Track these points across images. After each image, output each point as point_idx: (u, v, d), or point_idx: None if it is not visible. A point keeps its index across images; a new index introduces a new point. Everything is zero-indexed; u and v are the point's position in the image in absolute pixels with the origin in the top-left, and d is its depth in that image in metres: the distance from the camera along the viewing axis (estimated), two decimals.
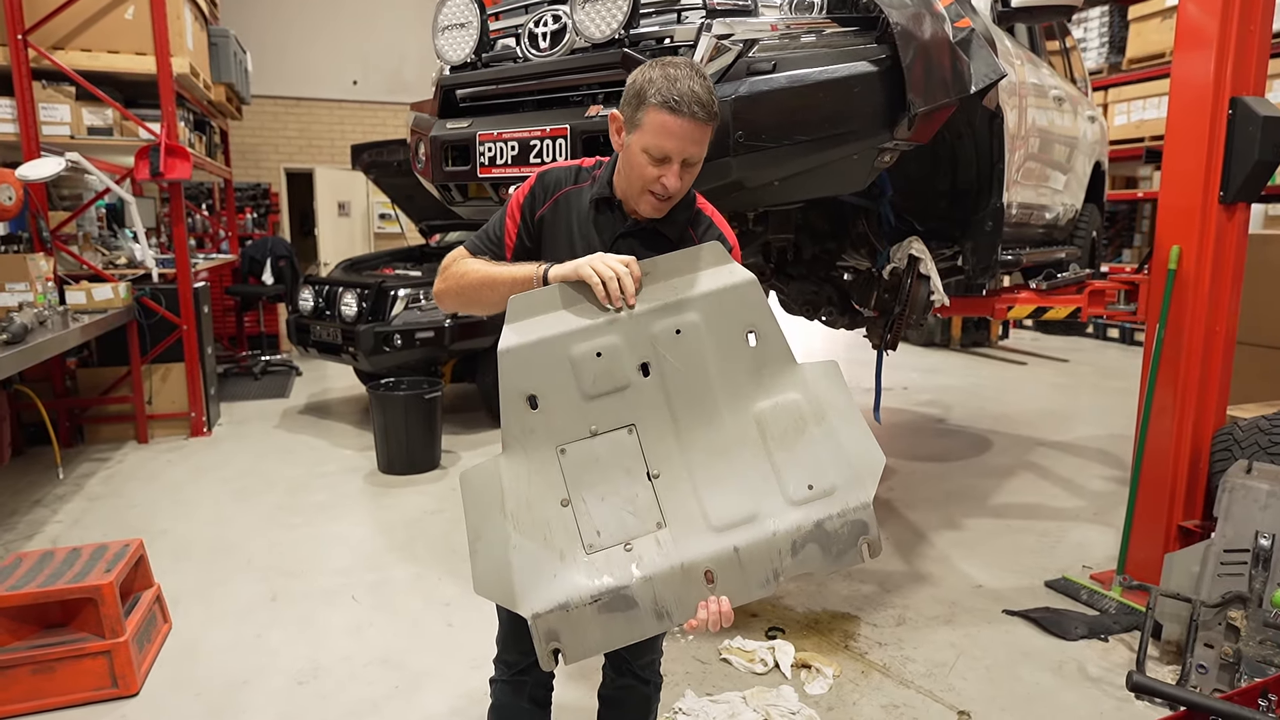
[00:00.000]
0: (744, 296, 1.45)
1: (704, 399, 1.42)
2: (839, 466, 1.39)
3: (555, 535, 1.36)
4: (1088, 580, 3.17)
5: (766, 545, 1.36)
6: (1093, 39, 8.28)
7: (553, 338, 1.40)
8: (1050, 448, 5.17)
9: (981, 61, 2.35)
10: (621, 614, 1.33)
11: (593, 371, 1.40)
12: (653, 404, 1.41)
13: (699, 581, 1.34)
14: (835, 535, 1.36)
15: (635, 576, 1.34)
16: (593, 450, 1.39)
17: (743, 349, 1.44)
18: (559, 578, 1.34)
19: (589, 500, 1.38)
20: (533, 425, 1.39)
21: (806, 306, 3.19)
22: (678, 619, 1.35)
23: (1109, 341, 9.20)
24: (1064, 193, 4.12)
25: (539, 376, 1.39)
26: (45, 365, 4.93)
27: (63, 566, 2.64)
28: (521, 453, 1.39)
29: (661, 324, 1.41)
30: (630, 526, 1.37)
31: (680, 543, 1.36)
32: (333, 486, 4.46)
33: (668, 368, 1.41)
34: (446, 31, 2.54)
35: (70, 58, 4.95)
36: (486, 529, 1.37)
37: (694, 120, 1.39)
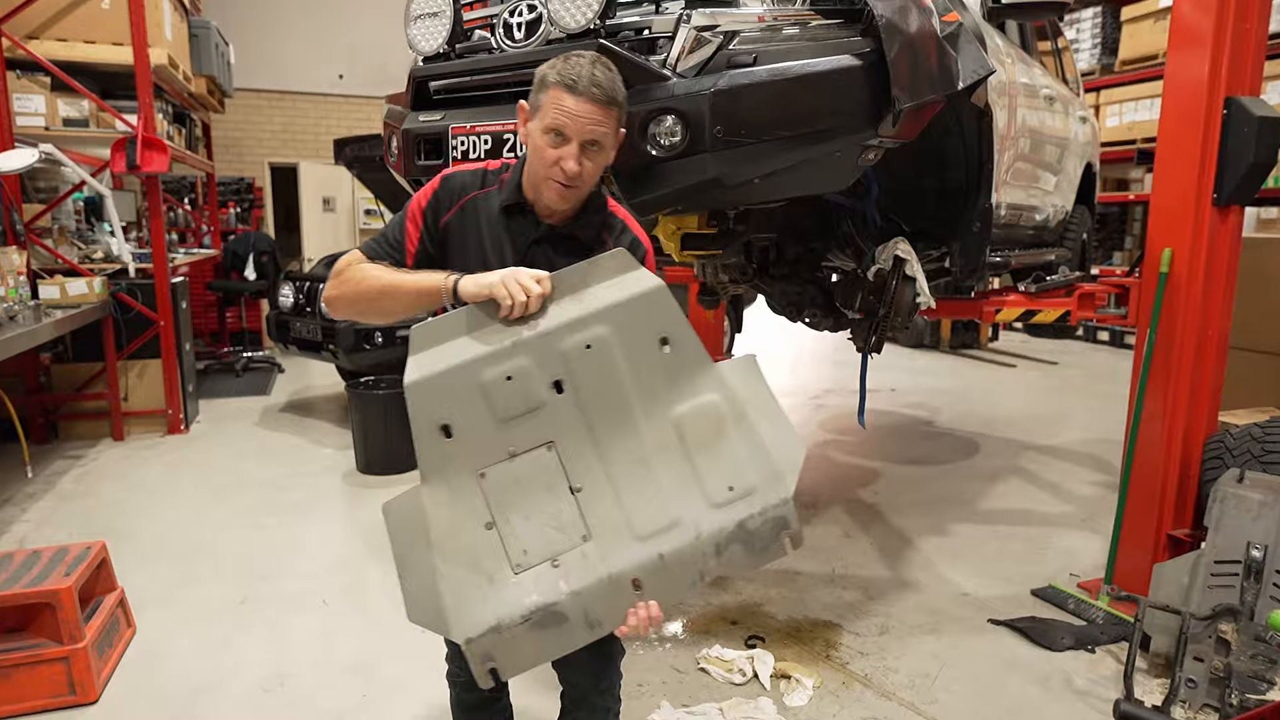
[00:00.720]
0: (653, 304, 1.43)
1: (620, 410, 1.41)
2: (758, 464, 1.40)
3: (482, 559, 1.37)
4: (1075, 589, 3.12)
5: (691, 549, 1.37)
6: (1085, 40, 8.26)
7: (460, 365, 1.38)
8: (1039, 452, 5.12)
9: (969, 57, 2.29)
10: (553, 629, 1.36)
11: (504, 395, 1.39)
12: (569, 420, 1.40)
13: (627, 590, 1.37)
14: (758, 533, 1.38)
15: (564, 592, 1.36)
16: (512, 471, 1.40)
17: (656, 356, 1.43)
18: (489, 601, 1.35)
19: (513, 520, 1.39)
20: (449, 453, 1.38)
21: (790, 308, 3.12)
22: (608, 627, 1.37)
23: (1099, 345, 9.18)
24: (1054, 194, 4.06)
25: (450, 405, 1.38)
26: (18, 361, 4.83)
27: (21, 570, 2.55)
28: (441, 481, 1.39)
29: (570, 340, 1.40)
30: (556, 543, 1.38)
31: (606, 554, 1.38)
32: (310, 486, 4.37)
33: (581, 383, 1.40)
34: (419, 21, 2.46)
35: (45, 47, 4.85)
36: (413, 559, 1.38)
37: (592, 100, 1.38)
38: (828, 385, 7.12)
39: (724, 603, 3.05)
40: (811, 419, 5.94)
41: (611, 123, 1.43)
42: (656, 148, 2.06)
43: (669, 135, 2.04)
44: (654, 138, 2.06)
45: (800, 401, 6.50)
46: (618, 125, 1.46)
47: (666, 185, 2.10)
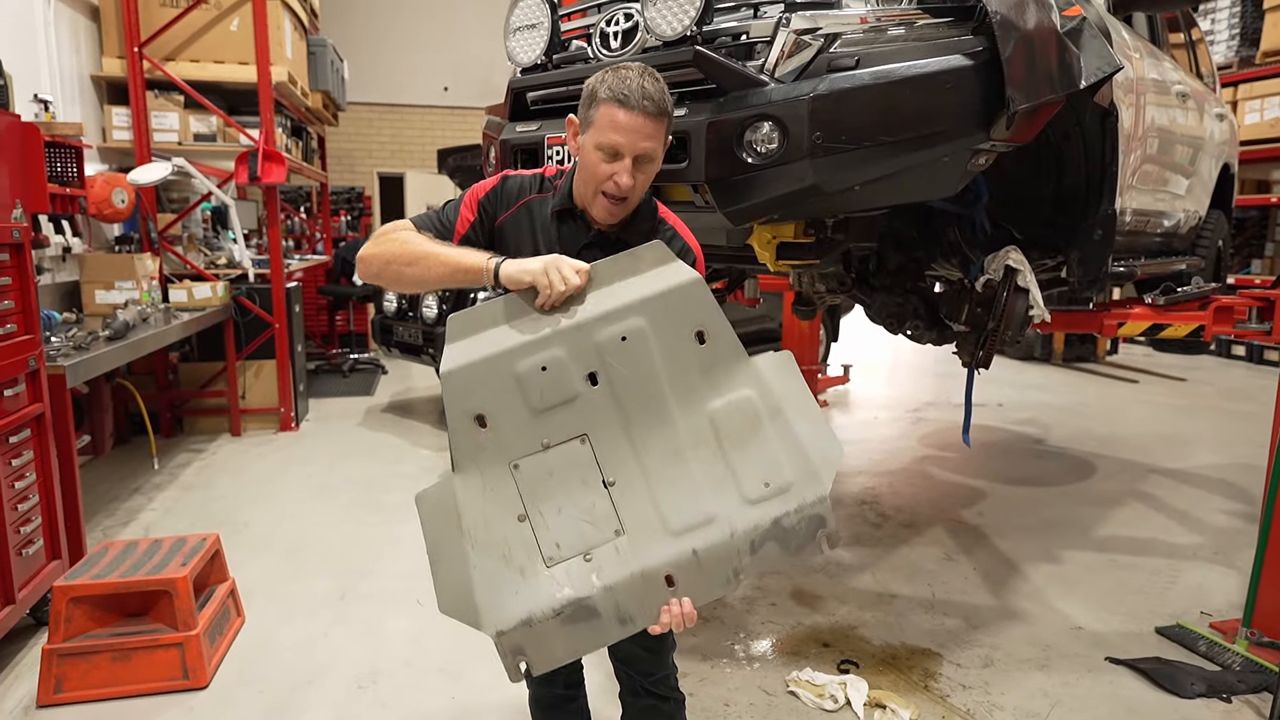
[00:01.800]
0: (690, 296, 1.41)
1: (655, 403, 1.40)
2: (794, 462, 1.38)
3: (514, 551, 1.36)
4: (1207, 630, 2.85)
5: (725, 546, 1.36)
6: (1222, 31, 7.64)
7: (495, 355, 1.38)
8: (1164, 476, 4.74)
9: (1093, 54, 2.13)
10: (585, 624, 1.35)
11: (539, 385, 1.38)
12: (604, 412, 1.39)
13: (660, 586, 1.35)
14: (793, 531, 1.36)
15: (596, 586, 1.34)
16: (546, 463, 1.38)
17: (692, 349, 1.41)
18: (520, 594, 1.35)
19: (546, 513, 1.38)
20: (483, 443, 1.38)
21: (891, 319, 2.99)
22: (640, 624, 1.36)
23: (1233, 360, 8.47)
24: (1186, 198, 3.76)
25: (485, 395, 1.37)
26: (150, 359, 5.20)
27: (144, 558, 2.72)
28: (475, 471, 1.38)
29: (606, 332, 1.38)
30: (589, 536, 1.37)
31: (639, 549, 1.36)
32: (409, 486, 4.51)
33: (615, 375, 1.39)
34: (517, 33, 2.49)
35: (180, 68, 5.21)
36: (445, 549, 1.38)
37: (644, 114, 1.39)
38: (928, 398, 6.84)
39: (815, 623, 2.95)
40: (910, 433, 5.70)
41: (662, 134, 1.45)
42: (753, 155, 2.01)
43: (766, 142, 1.99)
44: (750, 145, 2.01)
45: (898, 415, 6.26)
46: (667, 135, 1.48)
47: (762, 193, 2.05)
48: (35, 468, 2.81)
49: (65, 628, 2.50)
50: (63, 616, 2.50)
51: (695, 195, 2.19)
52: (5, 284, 2.69)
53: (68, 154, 4.32)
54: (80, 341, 3.44)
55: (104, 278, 4.57)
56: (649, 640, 1.64)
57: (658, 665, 1.75)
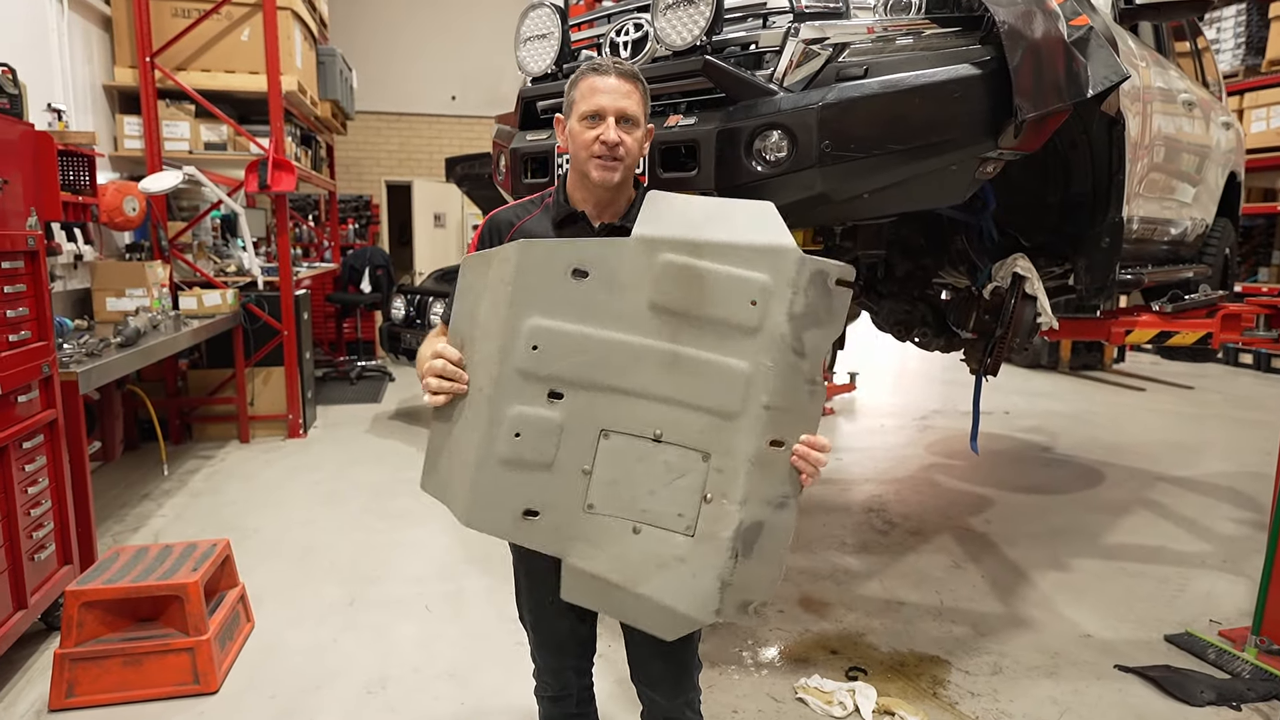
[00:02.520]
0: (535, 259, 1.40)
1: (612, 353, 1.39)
2: (749, 261, 1.35)
3: (661, 554, 1.37)
4: (1216, 638, 2.85)
5: (779, 376, 1.34)
6: (1227, 39, 7.66)
7: (476, 472, 1.38)
8: (1172, 484, 4.73)
9: (1100, 63, 2.14)
10: (759, 541, 1.36)
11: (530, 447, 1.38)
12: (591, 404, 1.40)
13: (774, 455, 1.35)
14: (810, 307, 1.34)
15: (735, 509, 1.35)
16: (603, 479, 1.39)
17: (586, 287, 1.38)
18: (697, 573, 1.36)
19: (647, 506, 1.38)
20: (552, 524, 1.39)
21: (898, 326, 3.00)
22: (794, 494, 1.37)
23: (1241, 368, 8.44)
24: (1193, 206, 3.77)
25: (508, 499, 1.39)
26: (159, 366, 5.24)
27: (155, 563, 2.74)
28: (571, 544, 1.40)
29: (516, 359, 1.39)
30: (693, 483, 1.37)
31: (732, 450, 1.35)
32: (416, 493, 4.48)
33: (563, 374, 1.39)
34: (528, 43, 2.51)
35: (191, 78, 5.26)
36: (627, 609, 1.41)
37: (619, 75, 1.48)
38: (935, 406, 6.83)
39: (823, 630, 2.95)
40: (917, 441, 5.70)
41: (638, 97, 1.50)
42: (762, 163, 2.03)
43: (775, 150, 2.01)
44: (759, 153, 2.03)
45: (905, 422, 6.26)
46: (644, 105, 1.52)
47: (772, 201, 2.06)
48: (48, 473, 2.83)
49: (77, 632, 2.52)
50: (75, 621, 2.51)
51: None
52: (20, 291, 2.71)
53: (80, 162, 4.37)
54: (92, 348, 3.46)
55: (115, 285, 4.61)
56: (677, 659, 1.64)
57: (684, 689, 1.69)
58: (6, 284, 2.63)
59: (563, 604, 1.66)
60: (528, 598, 1.71)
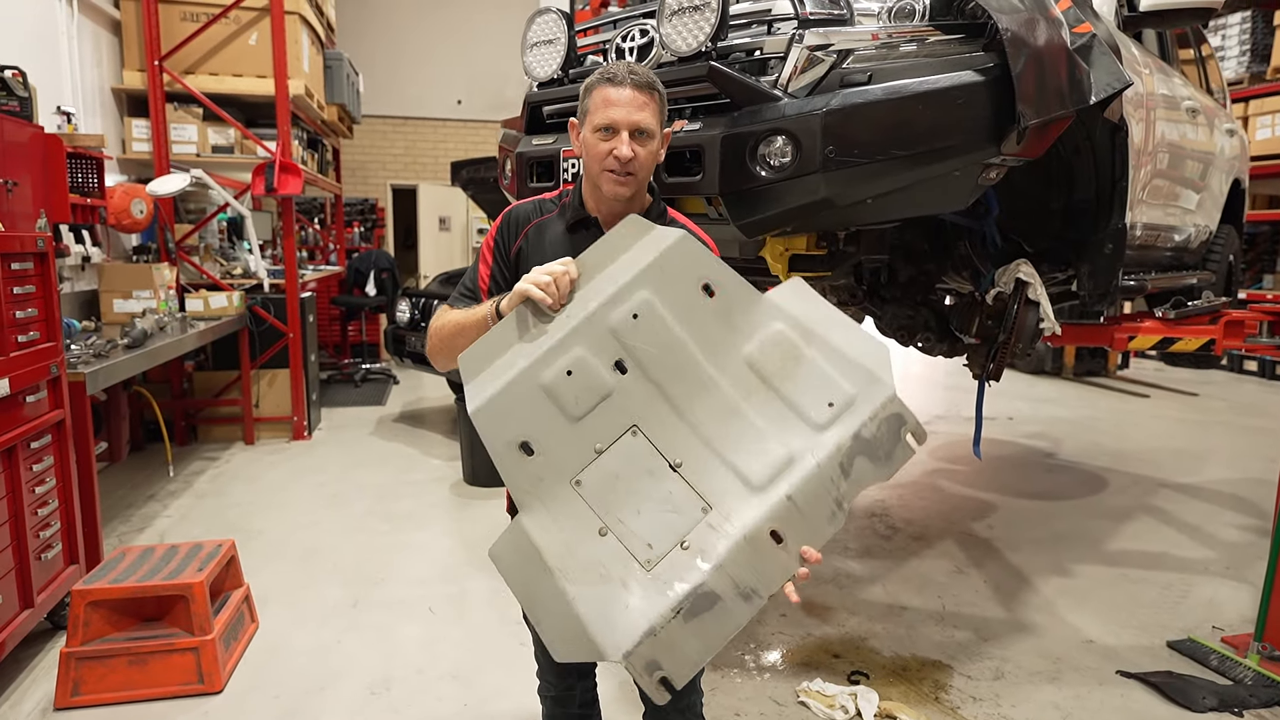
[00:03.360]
0: (683, 254, 1.40)
1: (689, 369, 1.36)
2: (848, 373, 1.34)
3: (610, 568, 1.28)
4: (1218, 644, 2.84)
5: (816, 480, 1.29)
6: (1232, 47, 7.66)
7: (517, 377, 1.33)
8: (1175, 490, 4.72)
9: (1103, 70, 2.16)
10: (709, 614, 1.25)
11: (571, 392, 1.33)
12: (644, 398, 1.35)
13: (768, 546, 1.27)
14: (877, 440, 1.31)
15: (705, 570, 1.26)
16: (607, 468, 1.32)
17: (704, 304, 1.38)
18: (631, 607, 1.25)
19: (626, 519, 1.30)
20: (537, 472, 1.32)
21: (901, 331, 3.01)
22: (765, 593, 1.27)
23: (1246, 375, 8.42)
24: (1196, 213, 3.77)
25: (521, 420, 1.32)
26: (165, 367, 5.26)
27: (160, 563, 2.76)
28: (539, 503, 1.32)
29: (615, 315, 1.35)
30: (678, 525, 1.30)
31: (733, 517, 1.29)
32: (419, 495, 4.54)
33: (641, 356, 1.35)
34: (534, 48, 2.54)
35: (199, 81, 5.30)
36: (539, 595, 1.29)
37: (633, 86, 1.46)
38: (938, 411, 6.83)
39: (825, 635, 2.96)
40: (921, 447, 5.69)
41: (654, 108, 1.49)
42: (766, 169, 2.04)
43: (779, 156, 2.02)
44: (764, 158, 2.04)
45: None
46: (660, 114, 1.51)
47: (775, 206, 2.08)
48: (55, 473, 2.85)
49: (83, 631, 2.53)
50: (81, 620, 2.53)
51: (709, 208, 2.22)
52: (29, 292, 2.74)
53: (88, 165, 4.40)
54: (99, 349, 3.49)
55: (122, 287, 4.64)
56: None
57: (685, 691, 1.68)
58: (16, 285, 2.65)
59: None
60: None
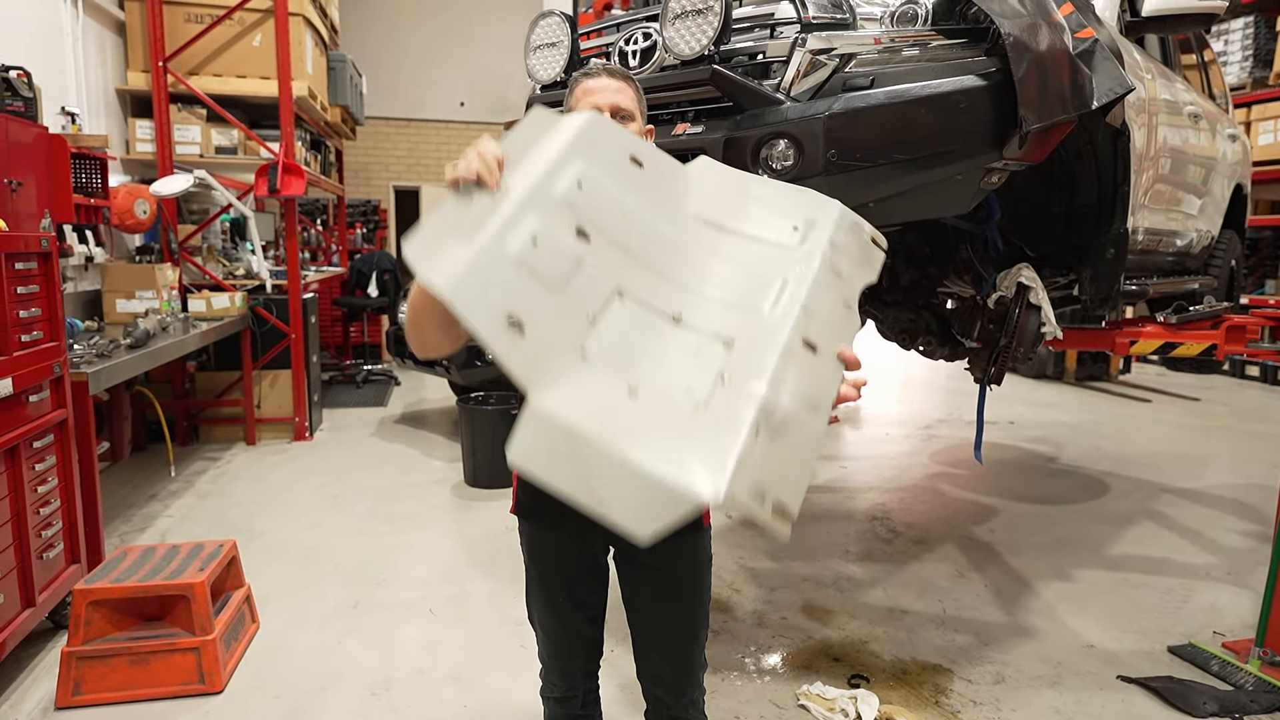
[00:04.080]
0: (601, 129, 1.36)
1: (651, 232, 1.31)
2: (796, 202, 1.36)
3: (660, 422, 1.08)
4: (1219, 650, 2.84)
5: (818, 287, 1.26)
6: (1235, 52, 7.67)
7: (482, 252, 1.16)
8: (1177, 495, 4.72)
9: (1105, 74, 2.16)
10: (788, 428, 1.10)
11: (543, 261, 1.17)
12: (618, 262, 1.24)
13: (806, 356, 1.18)
14: (849, 245, 1.34)
15: (762, 389, 1.09)
16: (609, 336, 1.16)
17: (638, 174, 1.36)
18: (704, 450, 1.04)
19: (651, 375, 1.14)
20: (537, 350, 1.10)
21: (903, 335, 3.02)
22: (826, 400, 1.20)
23: (1248, 380, 8.41)
24: (1198, 217, 3.77)
25: (502, 297, 1.13)
26: (167, 368, 5.27)
27: (162, 563, 2.76)
28: (552, 381, 1.09)
29: (559, 186, 1.25)
30: (709, 365, 1.15)
31: (759, 342, 1.17)
32: (421, 496, 4.54)
33: (599, 221, 1.26)
34: (538, 51, 2.54)
35: (203, 82, 5.31)
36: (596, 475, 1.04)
37: (609, 75, 1.53)
38: (939, 415, 6.83)
39: (826, 638, 2.96)
40: (922, 450, 5.70)
41: (630, 94, 1.54)
42: (768, 171, 2.05)
43: (781, 159, 2.03)
44: (766, 161, 2.05)
45: (910, 431, 6.26)
46: (638, 103, 1.55)
47: None
48: (57, 473, 2.86)
49: (84, 631, 2.54)
50: (82, 620, 2.53)
51: None
52: (33, 292, 2.75)
53: (92, 165, 4.41)
54: (102, 349, 3.50)
55: (125, 287, 4.65)
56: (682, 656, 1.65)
57: (689, 686, 1.69)
58: (20, 285, 2.66)
59: (573, 603, 1.68)
60: (539, 597, 1.72)
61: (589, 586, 1.69)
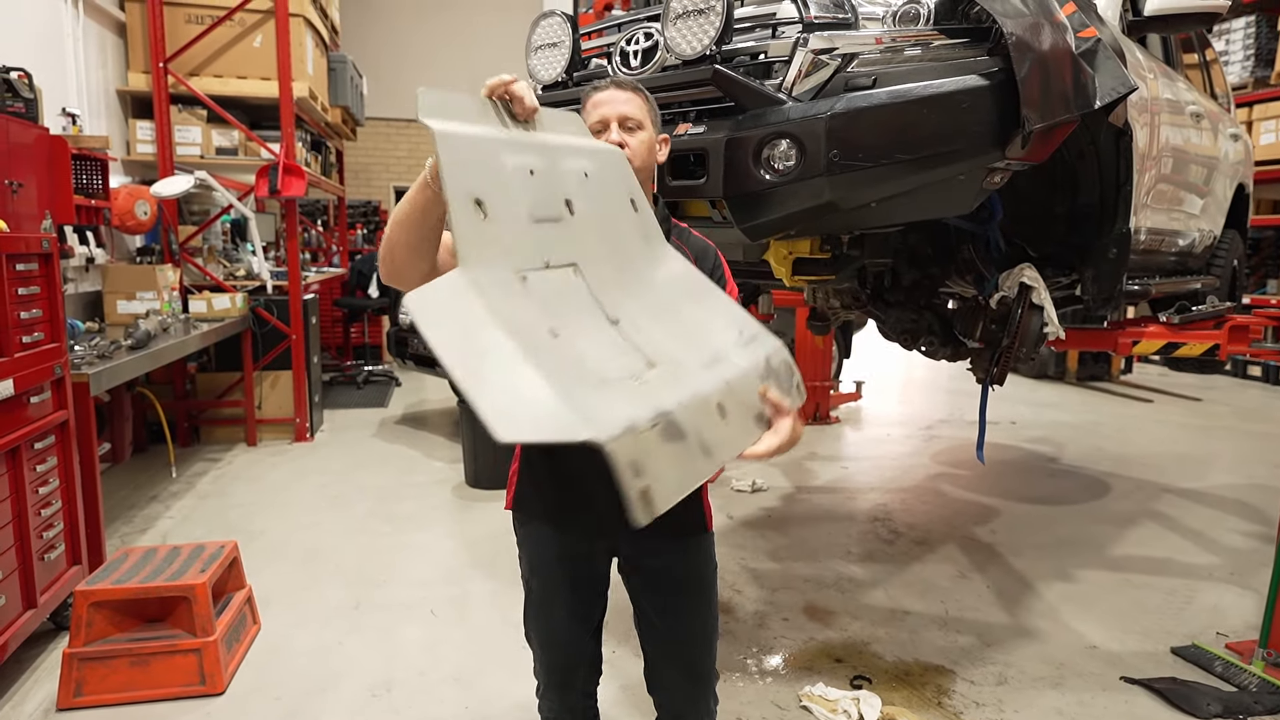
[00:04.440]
0: (620, 165, 1.43)
1: (626, 250, 1.36)
2: (745, 319, 1.37)
3: (569, 365, 1.05)
4: (1223, 650, 2.83)
5: (745, 379, 1.25)
6: (1236, 51, 7.66)
7: (487, 139, 1.17)
8: (1179, 496, 4.71)
9: (1108, 74, 2.16)
10: (680, 444, 1.05)
11: (530, 190, 1.19)
12: (588, 245, 1.26)
13: (716, 415, 1.15)
14: (779, 371, 1.32)
15: (672, 402, 1.06)
16: (552, 284, 1.15)
17: (631, 214, 1.40)
18: (604, 401, 1.01)
19: (575, 337, 1.11)
20: (489, 235, 1.09)
21: (905, 335, 3.01)
22: (719, 456, 1.13)
23: (1249, 380, 8.40)
24: (1200, 217, 3.77)
25: (484, 178, 1.12)
26: (168, 369, 5.27)
27: (163, 564, 2.76)
28: (484, 267, 1.06)
29: (569, 163, 1.31)
30: (626, 366, 1.13)
31: (678, 377, 1.15)
32: (421, 497, 4.54)
33: (589, 208, 1.30)
34: (539, 51, 2.54)
35: (203, 83, 5.31)
36: (485, 354, 0.97)
37: (616, 87, 1.55)
38: (941, 415, 6.82)
39: (828, 639, 2.95)
40: (923, 450, 5.69)
41: (638, 104, 1.54)
42: (770, 171, 2.04)
43: (783, 159, 2.02)
44: (768, 161, 2.04)
45: (912, 431, 6.25)
46: (648, 111, 1.55)
47: (780, 209, 2.08)
48: (58, 474, 2.86)
49: (86, 632, 2.53)
50: (84, 621, 2.53)
51: (713, 211, 2.22)
52: (34, 293, 2.74)
53: (93, 166, 4.41)
54: (103, 350, 3.49)
55: (126, 288, 4.65)
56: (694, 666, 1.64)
57: (703, 695, 1.68)
58: (21, 286, 2.66)
59: (571, 615, 1.66)
60: (537, 611, 1.70)
61: (587, 596, 1.67)
